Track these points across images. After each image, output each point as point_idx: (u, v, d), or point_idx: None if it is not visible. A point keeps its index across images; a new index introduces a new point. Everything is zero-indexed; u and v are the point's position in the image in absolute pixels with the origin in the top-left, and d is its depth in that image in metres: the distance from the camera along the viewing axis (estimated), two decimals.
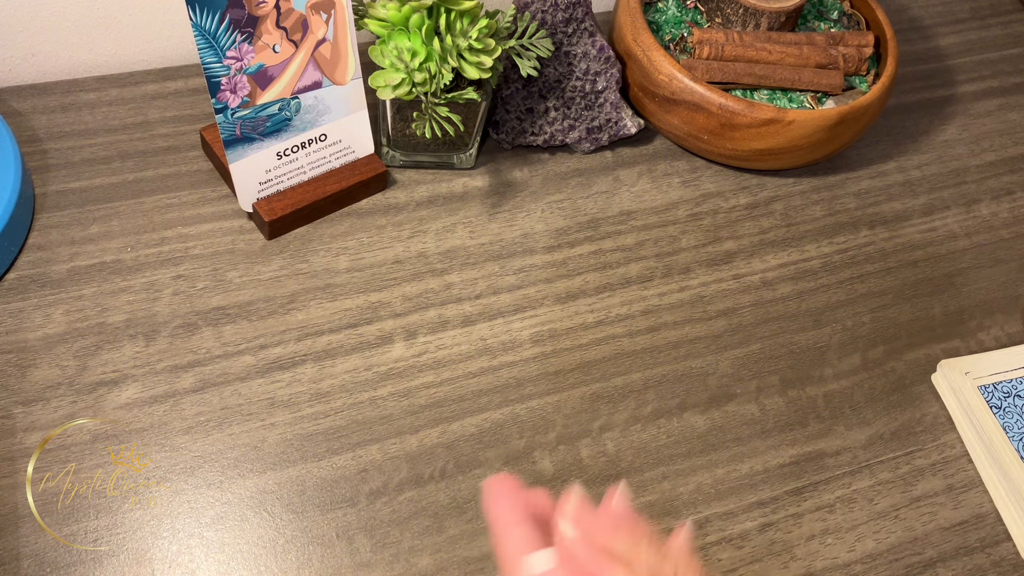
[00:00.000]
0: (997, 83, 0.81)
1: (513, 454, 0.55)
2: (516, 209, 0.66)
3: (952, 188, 0.73)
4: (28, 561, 0.48)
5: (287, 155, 0.61)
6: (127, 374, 0.55)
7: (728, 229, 0.67)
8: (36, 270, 0.58)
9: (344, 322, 0.59)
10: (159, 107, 0.67)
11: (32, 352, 0.55)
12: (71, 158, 0.64)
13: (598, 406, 0.57)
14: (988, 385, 0.60)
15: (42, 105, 0.66)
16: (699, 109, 0.66)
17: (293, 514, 0.51)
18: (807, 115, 0.65)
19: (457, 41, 0.58)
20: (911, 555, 0.54)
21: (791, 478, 0.56)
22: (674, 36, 0.71)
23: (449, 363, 0.58)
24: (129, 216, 0.61)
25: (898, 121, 0.77)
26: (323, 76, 0.60)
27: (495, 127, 0.68)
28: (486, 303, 0.61)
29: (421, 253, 0.63)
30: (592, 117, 0.68)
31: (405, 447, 0.54)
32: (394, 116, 0.63)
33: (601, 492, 0.54)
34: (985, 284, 0.67)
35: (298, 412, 0.55)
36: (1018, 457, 0.56)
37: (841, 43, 0.71)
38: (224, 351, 0.56)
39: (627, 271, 0.64)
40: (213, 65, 0.55)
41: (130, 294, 0.58)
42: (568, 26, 0.65)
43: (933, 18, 0.86)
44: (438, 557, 0.51)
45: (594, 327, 0.61)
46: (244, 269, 0.60)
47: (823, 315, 0.64)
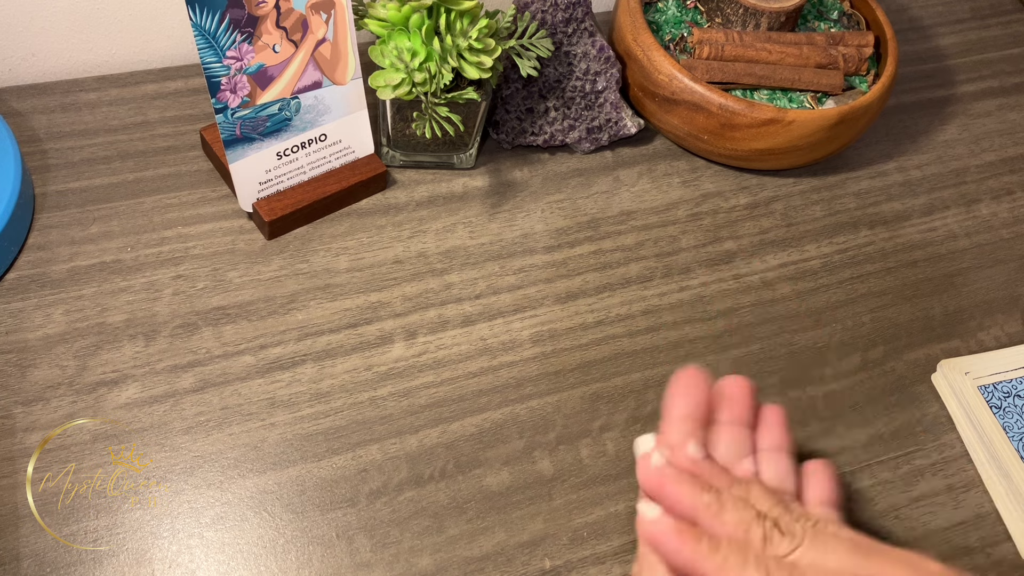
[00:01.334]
0: (997, 83, 0.81)
1: (513, 454, 0.55)
2: (516, 209, 0.66)
3: (952, 188, 0.73)
4: (28, 561, 0.48)
5: (287, 155, 0.61)
6: (127, 374, 0.55)
7: (728, 229, 0.67)
8: (36, 270, 0.58)
9: (344, 322, 0.59)
10: (159, 107, 0.67)
11: (32, 352, 0.55)
12: (71, 158, 0.64)
13: (598, 406, 0.57)
14: (988, 385, 0.60)
15: (42, 105, 0.66)
16: (699, 109, 0.66)
17: (293, 514, 0.51)
18: (807, 115, 0.65)
19: (457, 41, 0.58)
20: None
21: None
22: (674, 36, 0.71)
23: (449, 363, 0.58)
24: (129, 216, 0.61)
25: (898, 121, 0.77)
26: (323, 76, 0.60)
27: (495, 127, 0.68)
28: (486, 303, 0.61)
29: (421, 253, 0.63)
30: (592, 117, 0.68)
31: (405, 447, 0.54)
32: (394, 116, 0.63)
33: (600, 492, 0.54)
34: (985, 284, 0.67)
35: (298, 412, 0.55)
36: (1018, 457, 0.56)
37: (841, 43, 0.71)
38: (224, 351, 0.56)
39: (627, 271, 0.64)
40: (213, 65, 0.55)
41: (130, 294, 0.58)
42: (568, 26, 0.65)
43: (933, 18, 0.86)
44: (438, 557, 0.51)
45: (594, 327, 0.61)
46: (244, 269, 0.60)
47: (823, 315, 0.64)
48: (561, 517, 0.53)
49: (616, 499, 0.54)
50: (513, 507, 0.53)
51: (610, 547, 0.52)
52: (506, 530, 0.52)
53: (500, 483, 0.54)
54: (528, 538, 0.52)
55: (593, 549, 0.52)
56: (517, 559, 0.51)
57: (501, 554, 0.51)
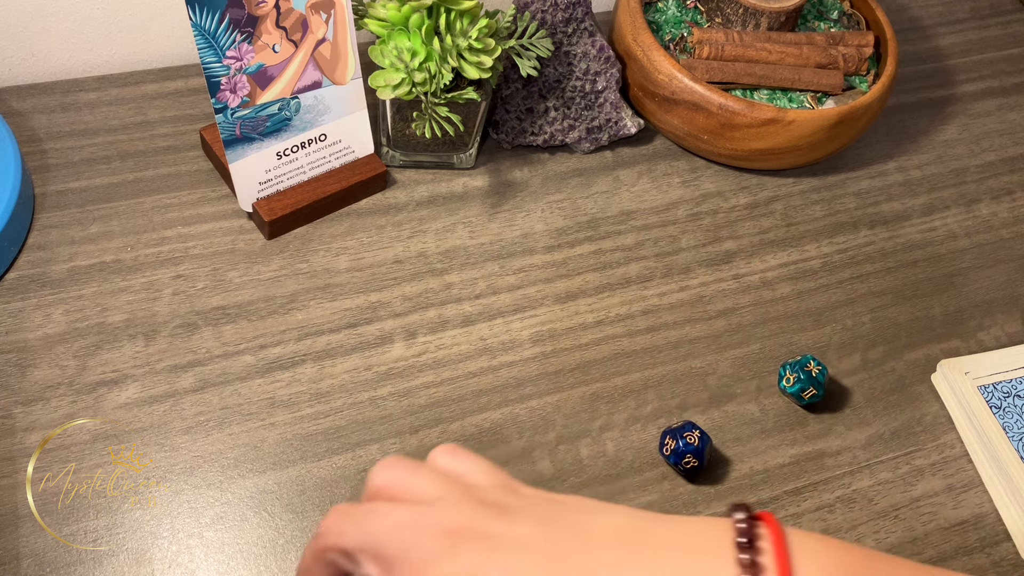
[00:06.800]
0: (997, 83, 0.81)
1: (513, 454, 0.55)
2: (516, 209, 0.66)
3: (952, 188, 0.73)
4: (28, 561, 0.48)
5: (287, 155, 0.61)
6: (127, 374, 0.55)
7: (728, 229, 0.67)
8: (36, 270, 0.58)
9: (344, 322, 0.59)
10: (159, 107, 0.67)
11: (32, 352, 0.55)
12: (71, 158, 0.64)
13: (598, 406, 0.57)
14: (988, 385, 0.60)
15: (42, 105, 0.66)
16: (699, 109, 0.66)
17: (293, 514, 0.51)
18: (807, 115, 0.65)
19: (457, 41, 0.58)
20: (911, 555, 0.54)
21: (791, 478, 0.56)
22: (674, 36, 0.71)
23: (449, 363, 0.58)
24: (129, 216, 0.61)
25: (898, 121, 0.77)
26: (323, 76, 0.60)
27: (495, 127, 0.68)
28: (486, 303, 0.61)
29: (421, 253, 0.63)
30: (592, 117, 0.68)
31: (405, 447, 0.54)
32: (394, 116, 0.63)
33: (600, 492, 0.54)
34: (985, 284, 0.67)
35: (298, 412, 0.55)
36: (1018, 457, 0.56)
37: (841, 43, 0.71)
38: (224, 351, 0.56)
39: (627, 271, 0.64)
40: (213, 65, 0.55)
41: (130, 294, 0.58)
42: (568, 26, 0.65)
43: (933, 18, 0.86)
44: None
45: (594, 327, 0.61)
46: (244, 269, 0.60)
47: (823, 315, 0.64)
48: None
49: (616, 499, 0.54)
50: None
51: None
52: None
53: None
54: None
55: None
56: None
57: None
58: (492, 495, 0.36)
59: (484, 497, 0.36)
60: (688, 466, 0.53)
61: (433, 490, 0.36)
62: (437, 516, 0.35)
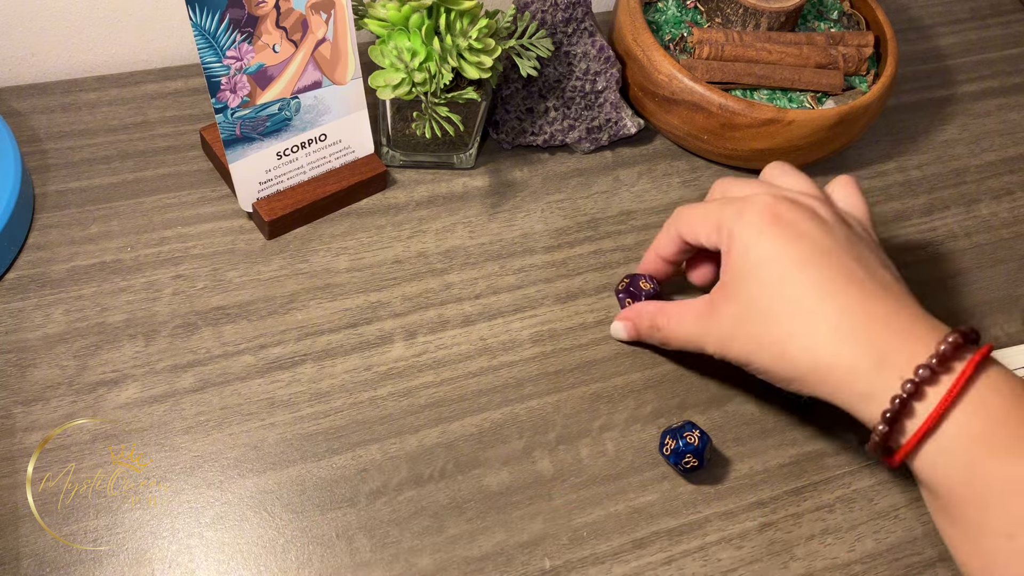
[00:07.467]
0: (997, 83, 0.81)
1: (513, 454, 0.55)
2: (516, 209, 0.66)
3: (952, 188, 0.73)
4: (28, 561, 0.48)
5: (287, 155, 0.61)
6: (127, 374, 0.55)
7: None
8: (36, 270, 0.58)
9: (344, 322, 0.59)
10: (159, 107, 0.67)
11: (32, 352, 0.55)
12: (71, 158, 0.64)
13: (598, 406, 0.57)
14: None
15: (42, 105, 0.66)
16: (699, 109, 0.66)
17: (293, 514, 0.51)
18: (807, 115, 0.65)
19: (457, 41, 0.58)
20: (911, 555, 0.54)
21: (791, 478, 0.56)
22: (674, 36, 0.71)
23: (449, 363, 0.58)
24: (129, 216, 0.61)
25: (898, 121, 0.77)
26: (323, 76, 0.60)
27: (495, 127, 0.68)
28: (486, 303, 0.61)
29: (421, 253, 0.63)
30: (592, 117, 0.68)
31: (405, 447, 0.54)
32: (394, 116, 0.63)
33: (600, 492, 0.54)
34: (985, 284, 0.67)
35: (298, 412, 0.55)
36: None
37: (841, 43, 0.71)
38: (224, 351, 0.56)
39: (627, 271, 0.64)
40: (213, 65, 0.55)
41: (130, 294, 0.58)
42: (568, 26, 0.65)
43: (933, 18, 0.86)
44: (438, 557, 0.51)
45: (594, 327, 0.61)
46: (244, 269, 0.60)
47: None
48: (561, 517, 0.53)
49: (616, 499, 0.54)
50: (513, 507, 0.53)
51: (610, 547, 0.52)
52: (506, 530, 0.52)
53: (500, 483, 0.54)
54: (528, 538, 0.52)
55: (593, 549, 0.52)
56: (517, 559, 0.51)
57: (501, 554, 0.51)
58: (823, 210, 0.53)
59: (816, 209, 0.53)
60: (688, 466, 0.53)
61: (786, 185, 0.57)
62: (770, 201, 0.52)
